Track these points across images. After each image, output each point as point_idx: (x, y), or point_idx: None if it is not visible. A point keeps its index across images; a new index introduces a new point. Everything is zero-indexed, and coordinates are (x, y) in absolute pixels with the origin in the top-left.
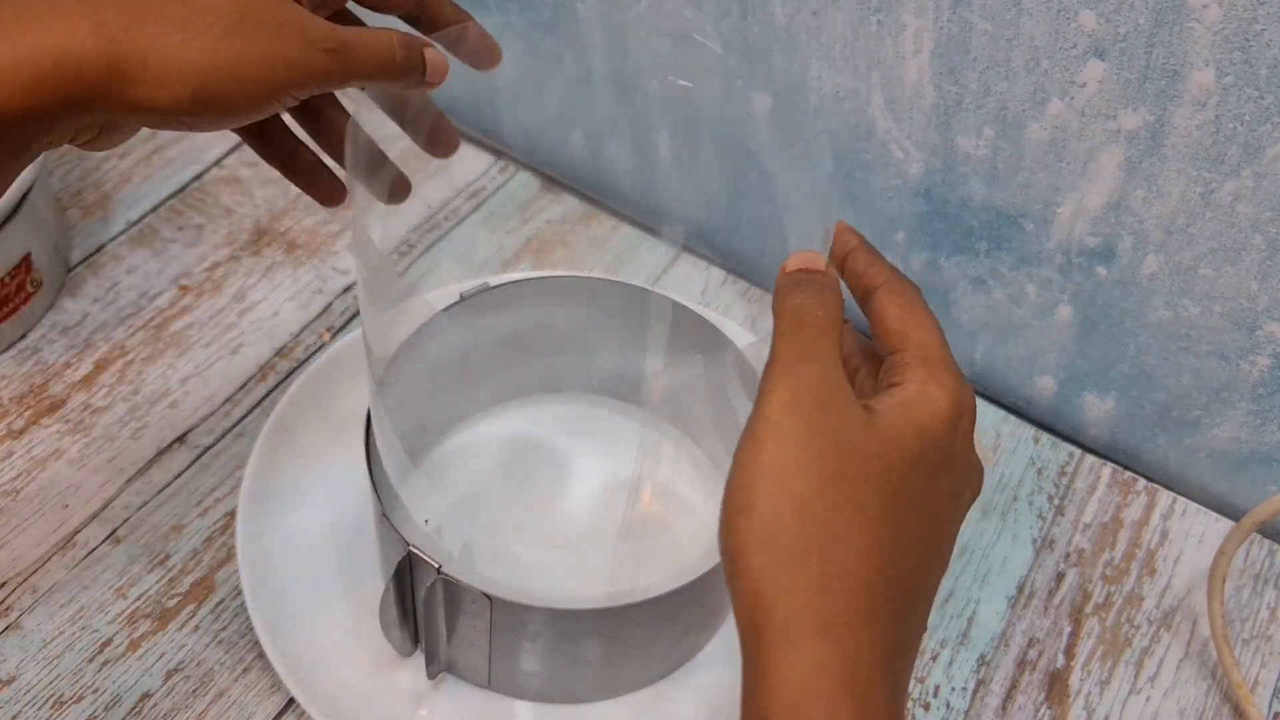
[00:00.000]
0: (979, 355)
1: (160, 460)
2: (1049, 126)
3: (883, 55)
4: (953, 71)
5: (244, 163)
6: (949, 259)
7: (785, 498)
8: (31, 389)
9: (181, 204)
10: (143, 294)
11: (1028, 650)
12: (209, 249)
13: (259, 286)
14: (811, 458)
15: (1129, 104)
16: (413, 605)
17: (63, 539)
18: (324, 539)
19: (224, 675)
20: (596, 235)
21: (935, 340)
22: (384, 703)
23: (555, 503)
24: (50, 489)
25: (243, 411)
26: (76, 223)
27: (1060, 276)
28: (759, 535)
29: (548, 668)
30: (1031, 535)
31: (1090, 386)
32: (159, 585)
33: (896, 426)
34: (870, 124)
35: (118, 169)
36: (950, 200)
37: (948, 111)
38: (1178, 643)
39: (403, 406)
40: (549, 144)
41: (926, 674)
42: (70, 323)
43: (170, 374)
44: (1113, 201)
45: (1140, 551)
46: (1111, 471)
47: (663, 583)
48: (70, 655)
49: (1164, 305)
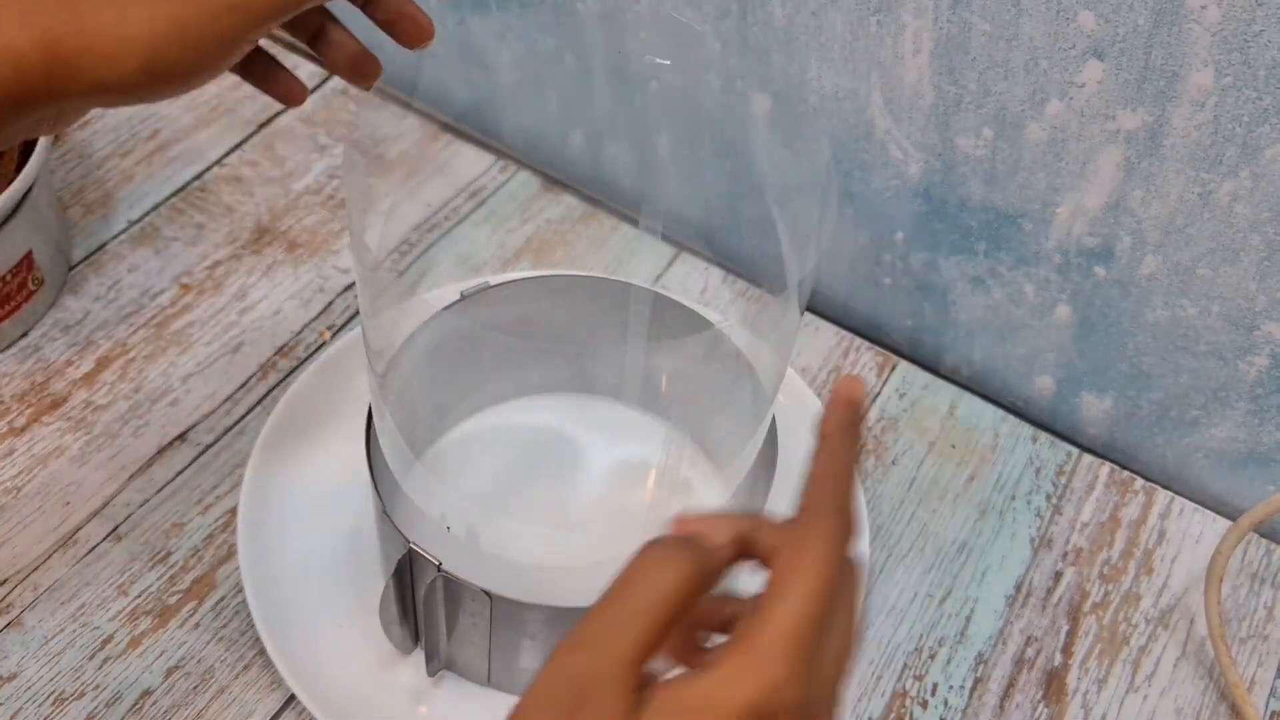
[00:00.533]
0: (978, 355)
1: (161, 458)
2: (1048, 127)
3: (882, 56)
4: (952, 72)
5: (245, 162)
6: (948, 259)
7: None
8: (33, 387)
9: (183, 202)
10: (144, 292)
11: (1025, 649)
12: (210, 247)
13: (260, 285)
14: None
15: (1128, 104)
16: (413, 603)
17: (64, 536)
18: (325, 537)
19: (224, 672)
20: (596, 235)
21: (792, 620)
22: (384, 700)
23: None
24: (52, 486)
25: (244, 409)
26: (78, 221)
27: (1059, 276)
28: None
29: None
30: (1029, 534)
31: (1088, 386)
32: (160, 582)
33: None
34: (869, 124)
35: (119, 167)
36: (949, 200)
37: (947, 112)
38: (1175, 642)
39: (404, 404)
40: (549, 144)
41: (924, 672)
42: (72, 321)
43: (171, 372)
44: (1111, 202)
45: (1138, 551)
46: (1109, 471)
47: None
48: (71, 652)
49: (1162, 305)
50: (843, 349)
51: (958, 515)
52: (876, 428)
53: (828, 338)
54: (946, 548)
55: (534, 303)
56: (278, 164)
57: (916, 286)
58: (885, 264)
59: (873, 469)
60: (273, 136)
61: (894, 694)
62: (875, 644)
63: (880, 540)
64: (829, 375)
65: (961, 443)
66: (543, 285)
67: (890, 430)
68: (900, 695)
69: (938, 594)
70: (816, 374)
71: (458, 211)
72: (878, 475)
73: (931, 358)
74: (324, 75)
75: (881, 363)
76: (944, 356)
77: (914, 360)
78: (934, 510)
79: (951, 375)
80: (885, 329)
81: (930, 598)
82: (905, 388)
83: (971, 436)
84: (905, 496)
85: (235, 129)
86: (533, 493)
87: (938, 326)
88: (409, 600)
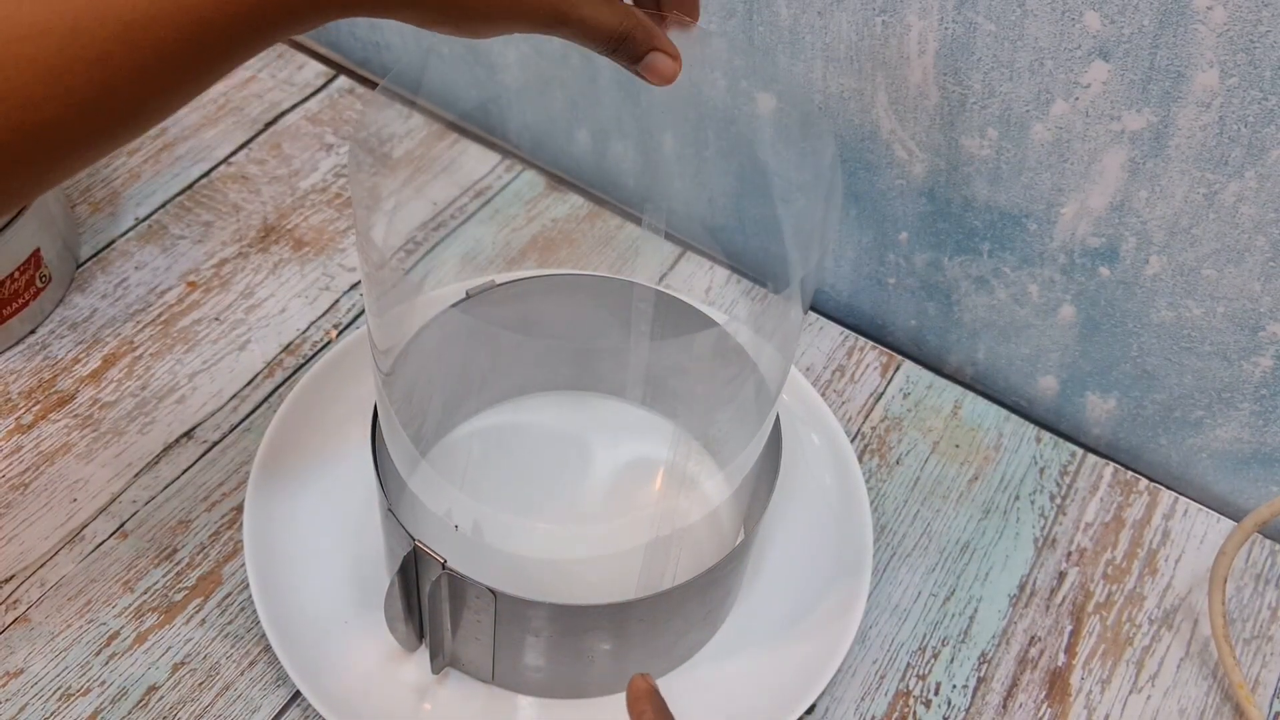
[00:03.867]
0: (982, 355)
1: (168, 455)
2: (1053, 127)
3: (887, 56)
4: (957, 72)
5: (252, 160)
6: (952, 259)
7: None
8: (40, 384)
9: (190, 201)
10: (151, 290)
11: (1029, 649)
12: (217, 245)
13: (266, 283)
14: None
15: (1133, 105)
16: (418, 600)
17: (70, 533)
18: (330, 534)
19: (230, 669)
20: (602, 234)
21: None
22: (388, 697)
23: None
24: (58, 483)
25: (250, 407)
26: (85, 219)
27: (1063, 277)
28: None
29: (551, 663)
30: (1033, 534)
31: (1092, 386)
32: (166, 579)
33: None
34: (874, 124)
35: (127, 166)
36: (954, 200)
37: (952, 112)
38: (1179, 642)
39: (409, 402)
40: (555, 143)
41: (928, 671)
42: (79, 318)
43: (178, 369)
44: (1116, 202)
45: (1142, 551)
46: (1113, 471)
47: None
48: (77, 648)
49: (1167, 306)
50: (846, 348)
51: (961, 515)
52: (880, 427)
53: (832, 337)
54: (950, 547)
55: (539, 301)
56: (284, 162)
57: (921, 286)
58: (889, 263)
59: (877, 469)
60: (279, 135)
61: (897, 693)
62: (879, 643)
63: (884, 540)
64: (833, 374)
65: (965, 442)
66: (548, 284)
67: (894, 430)
68: (903, 694)
69: (941, 593)
70: (820, 373)
71: (463, 210)
72: (881, 475)
73: (935, 357)
74: (329, 74)
75: (885, 362)
76: (948, 356)
77: (918, 360)
78: (937, 510)
79: (955, 375)
80: (889, 328)
81: (934, 597)
82: (909, 387)
83: (975, 436)
84: (909, 496)
85: (242, 127)
86: (538, 490)
87: (942, 326)
88: (414, 598)
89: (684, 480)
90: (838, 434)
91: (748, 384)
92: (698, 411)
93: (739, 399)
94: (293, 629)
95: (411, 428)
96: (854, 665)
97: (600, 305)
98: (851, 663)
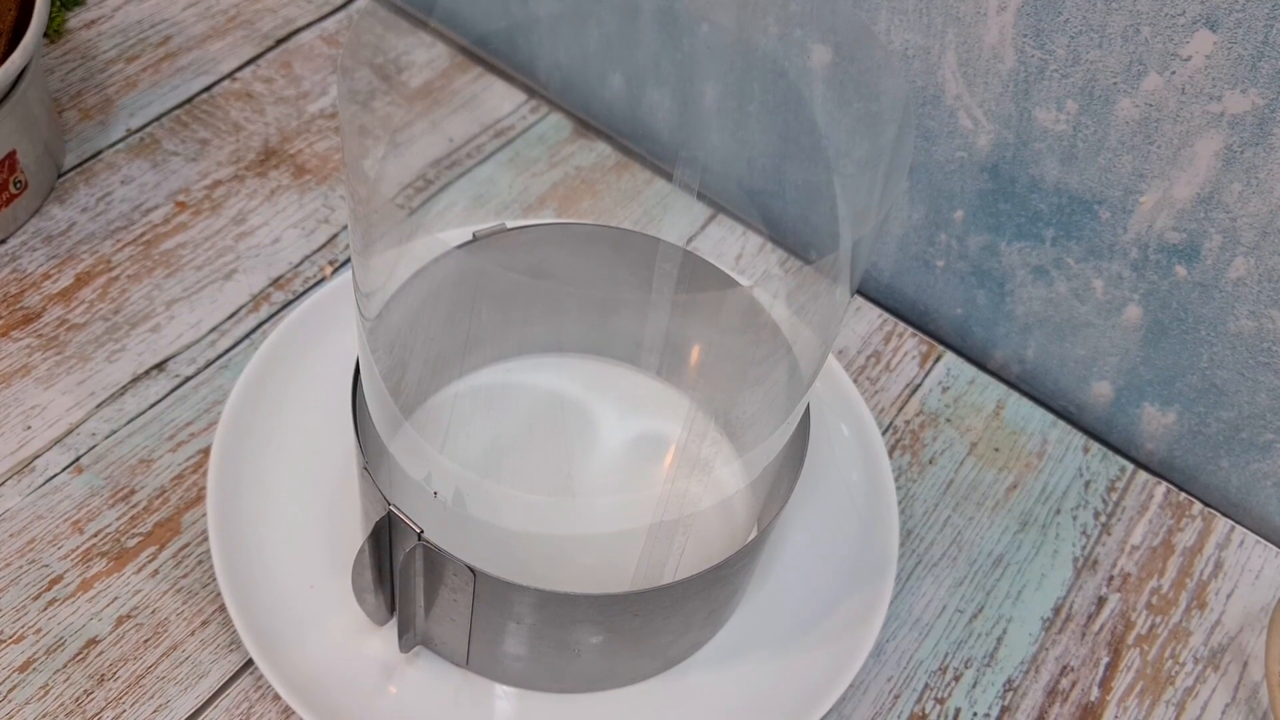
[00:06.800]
0: (1031, 352)
1: (135, 387)
2: (1142, 104)
3: (961, 11)
4: (1039, 34)
5: (259, 78)
6: (1010, 244)
7: None
8: (5, 298)
9: (188, 115)
10: (136, 207)
11: (1060, 679)
12: (212, 165)
13: (261, 210)
14: None
15: (1238, 84)
16: (390, 571)
17: (20, 463)
18: (303, 489)
19: (179, 627)
20: (629, 187)
21: None
22: (351, 674)
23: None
24: (13, 407)
25: (230, 342)
26: (73, 125)
27: (1133, 273)
28: None
29: (533, 653)
30: (1073, 553)
31: (1151, 397)
32: (120, 522)
33: None
34: (939, 87)
35: (124, 73)
36: (1019, 179)
37: (1028, 79)
38: (1225, 685)
39: (395, 355)
40: (586, 85)
41: (947, 695)
42: (55, 231)
43: (156, 295)
44: (1204, 194)
45: (1191, 582)
46: (1165, 491)
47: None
48: (14, 589)
49: (1248, 314)
50: (884, 333)
51: (996, 525)
52: (915, 422)
53: (869, 319)
54: (981, 560)
55: (552, 251)
56: (293, 83)
57: (971, 271)
58: (939, 244)
59: (907, 467)
60: (291, 53)
61: (912, 715)
62: (895, 658)
63: (910, 545)
64: (867, 360)
65: (1006, 446)
66: (564, 233)
67: (929, 426)
68: (919, 717)
69: (968, 610)
70: (854, 358)
71: (481, 150)
72: (912, 474)
73: (980, 350)
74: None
75: (925, 351)
76: (994, 350)
77: (961, 352)
78: (970, 518)
79: (1000, 371)
80: (932, 315)
81: (960, 613)
82: (949, 381)
83: (1017, 440)
84: (940, 500)
85: (251, 42)
86: (530, 460)
87: (991, 317)
88: (386, 568)
89: (697, 463)
90: (870, 427)
91: (779, 367)
92: (720, 390)
93: (768, 382)
94: (252, 589)
95: (394, 383)
96: (866, 681)
97: (620, 261)
98: (864, 678)
